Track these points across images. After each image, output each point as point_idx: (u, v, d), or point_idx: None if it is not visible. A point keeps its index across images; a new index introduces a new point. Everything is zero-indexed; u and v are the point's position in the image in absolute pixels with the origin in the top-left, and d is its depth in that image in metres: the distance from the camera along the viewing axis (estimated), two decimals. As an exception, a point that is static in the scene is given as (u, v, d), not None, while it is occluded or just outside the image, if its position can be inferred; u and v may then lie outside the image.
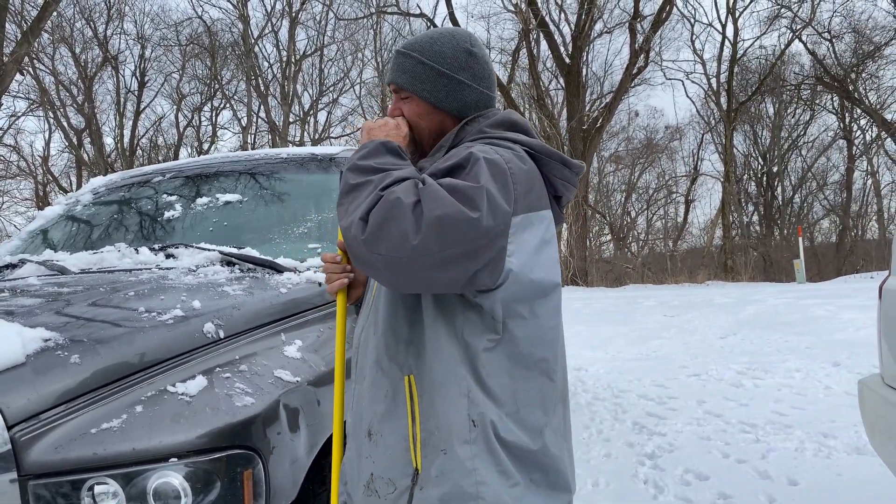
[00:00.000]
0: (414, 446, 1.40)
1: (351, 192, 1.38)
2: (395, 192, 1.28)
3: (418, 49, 1.61)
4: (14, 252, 3.21)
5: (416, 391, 1.41)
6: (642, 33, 23.02)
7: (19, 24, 18.80)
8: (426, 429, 1.39)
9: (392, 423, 1.43)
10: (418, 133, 1.63)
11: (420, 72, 1.59)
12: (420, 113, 1.62)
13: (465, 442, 1.35)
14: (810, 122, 32.17)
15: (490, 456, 1.35)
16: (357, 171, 1.41)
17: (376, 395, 1.48)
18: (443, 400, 1.38)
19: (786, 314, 9.83)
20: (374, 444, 1.46)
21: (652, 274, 25.31)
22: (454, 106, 1.61)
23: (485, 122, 1.58)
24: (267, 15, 30.43)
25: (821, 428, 4.47)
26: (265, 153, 3.58)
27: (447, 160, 1.40)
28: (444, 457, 1.35)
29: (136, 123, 30.92)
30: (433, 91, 1.60)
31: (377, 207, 1.28)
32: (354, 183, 1.38)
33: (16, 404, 1.48)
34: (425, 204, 1.25)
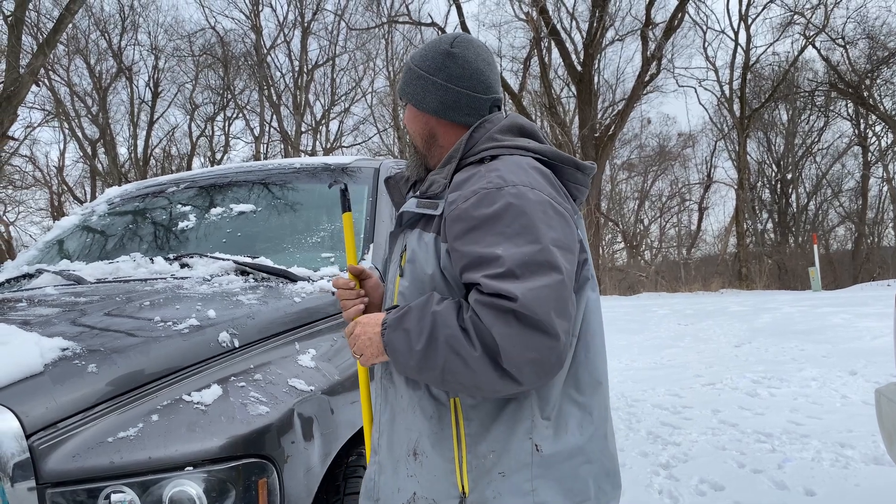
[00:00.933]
0: (460, 469, 1.40)
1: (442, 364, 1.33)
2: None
3: (414, 59, 1.65)
4: (31, 262, 3.24)
5: (462, 414, 1.41)
6: (654, 41, 22.99)
7: (35, 37, 19.05)
8: (476, 453, 1.40)
9: (439, 445, 1.43)
10: (412, 139, 1.66)
11: (409, 78, 1.63)
12: (409, 118, 1.65)
13: (526, 465, 1.39)
14: (824, 129, 31.97)
15: (553, 479, 1.40)
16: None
17: (421, 415, 1.46)
18: (503, 425, 1.40)
19: (801, 322, 9.75)
20: (420, 464, 1.45)
21: (665, 282, 25.19)
22: (431, 107, 1.59)
23: (493, 129, 1.56)
24: (279, 25, 30.68)
25: (838, 437, 4.43)
26: (278, 163, 3.61)
27: (476, 203, 1.37)
28: (502, 479, 1.38)
29: (149, 133, 31.20)
30: (414, 94, 1.62)
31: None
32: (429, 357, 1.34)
33: (34, 413, 1.50)
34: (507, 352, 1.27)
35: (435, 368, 1.32)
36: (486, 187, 1.38)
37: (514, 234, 1.33)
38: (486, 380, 1.29)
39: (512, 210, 1.34)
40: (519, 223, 1.33)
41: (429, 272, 1.45)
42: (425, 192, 1.51)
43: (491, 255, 1.31)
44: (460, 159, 1.52)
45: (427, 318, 1.34)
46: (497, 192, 1.36)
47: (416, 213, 1.51)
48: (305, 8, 30.14)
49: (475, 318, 1.30)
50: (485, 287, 1.30)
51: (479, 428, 1.40)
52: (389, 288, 1.60)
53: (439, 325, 1.32)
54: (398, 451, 1.51)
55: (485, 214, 1.35)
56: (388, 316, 1.43)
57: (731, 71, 28.89)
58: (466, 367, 1.29)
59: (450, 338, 1.30)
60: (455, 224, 1.38)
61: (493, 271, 1.30)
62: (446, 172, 1.51)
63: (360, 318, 1.51)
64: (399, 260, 1.54)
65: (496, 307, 1.27)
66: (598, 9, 22.94)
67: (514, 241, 1.32)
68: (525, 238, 1.32)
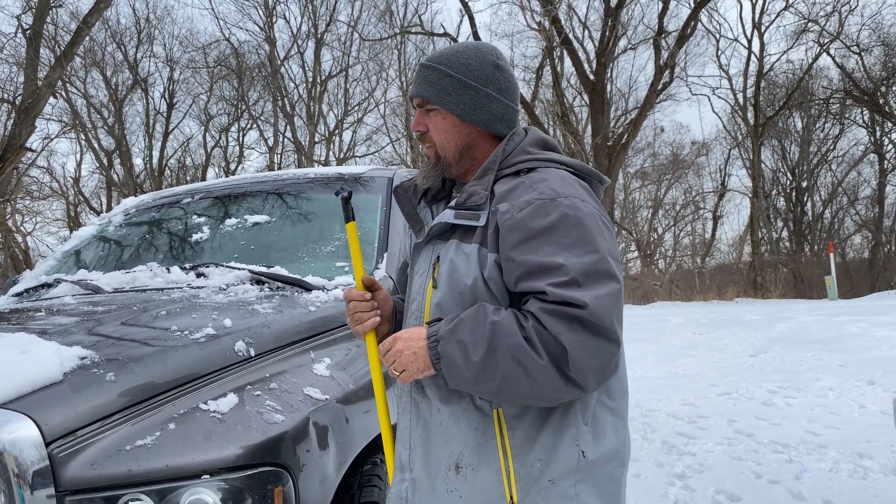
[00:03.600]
0: (508, 479, 1.41)
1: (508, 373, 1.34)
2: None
3: (444, 62, 1.59)
4: (49, 272, 3.28)
5: (506, 424, 1.42)
6: (667, 49, 22.95)
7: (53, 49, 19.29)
8: (523, 462, 1.41)
9: (485, 457, 1.43)
10: (443, 148, 1.59)
11: (447, 84, 1.56)
12: (446, 127, 1.58)
13: (573, 471, 1.41)
14: (840, 137, 31.74)
15: (594, 483, 1.43)
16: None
17: (466, 427, 1.45)
18: (549, 433, 1.42)
19: (818, 331, 9.66)
20: (464, 478, 1.44)
21: (680, 291, 25.06)
22: (481, 119, 1.58)
23: (524, 142, 1.57)
24: (293, 37, 30.88)
25: (856, 448, 4.38)
26: (293, 173, 3.63)
27: (532, 213, 1.39)
28: (551, 486, 1.41)
29: (164, 144, 31.45)
30: (459, 103, 1.57)
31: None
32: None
33: (53, 421, 1.51)
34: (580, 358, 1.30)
35: (493, 379, 1.33)
36: (539, 198, 1.41)
37: (573, 244, 1.36)
38: (549, 388, 1.31)
39: (568, 221, 1.38)
40: (576, 233, 1.37)
41: (468, 283, 1.44)
42: (463, 203, 1.48)
43: (553, 263, 1.34)
44: (497, 170, 1.53)
45: (485, 328, 1.34)
46: (551, 202, 1.40)
47: (448, 224, 1.50)
48: (319, 19, 30.36)
49: (539, 326, 1.31)
50: (551, 295, 1.31)
51: (524, 437, 1.42)
52: (416, 300, 1.56)
53: (500, 335, 1.32)
54: (435, 467, 1.48)
55: (541, 225, 1.38)
56: (435, 328, 1.41)
57: (745, 79, 28.82)
58: (528, 377, 1.31)
59: (513, 347, 1.31)
60: (511, 234, 1.40)
61: (557, 279, 1.32)
62: (486, 183, 1.50)
63: (399, 334, 1.46)
64: (430, 271, 1.52)
65: (564, 315, 1.30)
66: (611, 18, 22.94)
67: (573, 251, 1.35)
68: (584, 248, 1.36)
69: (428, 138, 1.60)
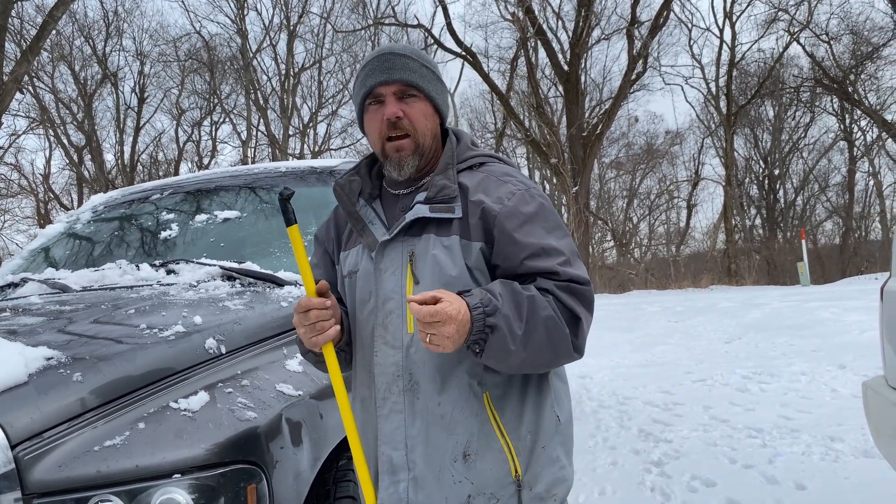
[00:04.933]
0: (511, 455, 1.48)
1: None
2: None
3: (415, 54, 1.62)
4: (16, 271, 3.22)
5: (495, 406, 1.50)
6: (640, 39, 23.06)
7: (18, 43, 18.92)
8: (518, 437, 1.50)
9: (487, 440, 1.48)
10: (423, 136, 1.59)
11: (426, 74, 1.60)
12: (427, 114, 1.60)
13: (552, 435, 1.55)
14: (811, 125, 32.20)
15: (564, 443, 1.58)
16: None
17: (469, 414, 1.48)
18: (531, 405, 1.52)
19: (790, 317, 9.80)
20: (471, 465, 1.47)
21: (655, 279, 25.27)
22: (445, 111, 1.67)
23: (467, 140, 1.68)
24: (265, 29, 30.56)
25: (827, 431, 4.45)
26: (264, 167, 3.59)
27: (519, 201, 1.52)
28: (543, 452, 1.52)
29: (136, 139, 31.03)
30: (437, 93, 1.63)
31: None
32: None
33: (19, 423, 1.48)
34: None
35: (527, 350, 1.40)
36: (518, 189, 1.54)
37: (554, 228, 1.53)
38: (563, 355, 1.46)
39: (545, 208, 1.55)
40: (553, 219, 1.55)
41: (454, 274, 1.47)
42: (435, 197, 1.51)
43: (551, 245, 1.49)
44: (456, 164, 1.61)
45: (523, 301, 1.40)
46: (527, 192, 1.55)
47: (418, 219, 1.51)
48: (291, 11, 30.07)
49: (557, 302, 1.44)
50: (562, 274, 1.46)
51: (512, 414, 1.50)
52: (393, 299, 1.51)
53: (538, 308, 1.40)
54: (440, 461, 1.47)
55: (530, 211, 1.51)
56: (480, 297, 1.37)
57: (717, 68, 29.08)
58: (552, 346, 1.43)
59: (547, 319, 1.41)
60: (509, 220, 1.49)
61: (561, 259, 1.48)
62: (451, 177, 1.55)
63: (446, 297, 1.34)
64: (405, 268, 1.51)
65: (575, 291, 1.46)
66: (584, 8, 22.98)
67: (555, 235, 1.52)
68: (562, 231, 1.54)
69: (404, 126, 1.56)
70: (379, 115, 1.57)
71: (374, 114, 1.59)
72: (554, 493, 1.53)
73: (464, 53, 24.15)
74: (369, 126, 1.62)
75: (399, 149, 1.56)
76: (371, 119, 1.60)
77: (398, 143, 1.56)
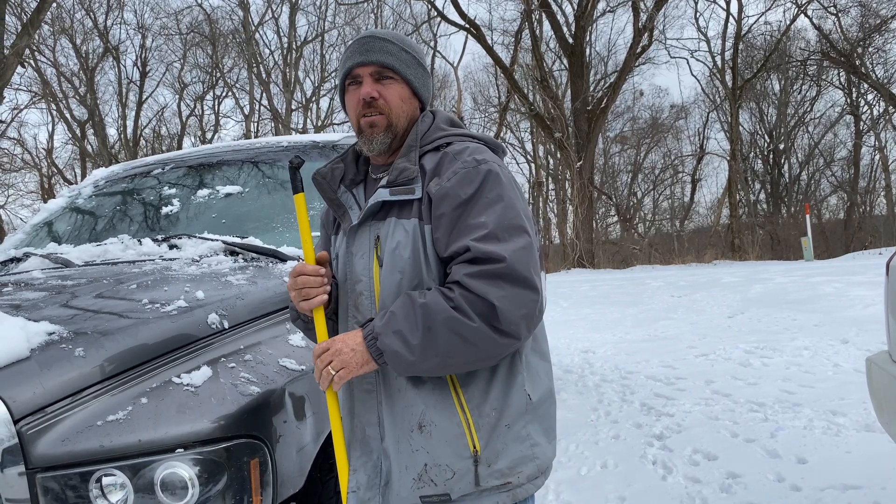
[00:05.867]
0: (469, 431, 1.49)
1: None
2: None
3: (395, 38, 1.66)
4: (18, 245, 3.21)
5: (459, 383, 1.51)
6: (646, 12, 22.81)
7: (19, 16, 18.74)
8: (480, 413, 1.50)
9: (444, 412, 1.50)
10: (397, 116, 1.62)
11: (405, 58, 1.64)
12: (403, 96, 1.64)
13: (522, 414, 1.54)
14: (817, 98, 31.89)
15: (538, 421, 1.57)
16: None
17: (423, 388, 1.51)
18: (499, 383, 1.52)
19: (794, 292, 9.80)
20: (428, 435, 1.50)
21: (659, 254, 25.25)
22: (425, 95, 1.69)
23: (437, 120, 1.67)
24: (267, 1, 30.27)
25: (829, 406, 4.46)
26: (266, 142, 3.57)
27: (459, 181, 1.49)
28: (507, 430, 1.52)
29: (138, 114, 30.94)
30: (416, 77, 1.66)
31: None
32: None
33: (21, 398, 1.49)
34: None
35: (437, 355, 1.41)
36: (463, 167, 1.51)
37: (493, 202, 1.48)
38: (488, 347, 1.41)
39: (490, 181, 1.50)
40: (496, 192, 1.49)
41: (406, 256, 1.51)
42: (395, 180, 1.54)
43: (476, 223, 1.45)
44: (419, 147, 1.61)
45: (416, 312, 1.41)
46: (474, 169, 1.51)
47: (381, 203, 1.55)
48: (293, -17, 29.75)
49: (465, 292, 1.40)
50: (473, 250, 1.42)
51: (477, 391, 1.51)
52: (363, 280, 1.58)
53: (432, 313, 1.40)
54: (399, 431, 1.53)
55: (469, 192, 1.48)
56: (370, 328, 1.46)
57: (723, 41, 28.74)
58: (466, 343, 1.40)
59: (447, 321, 1.39)
60: (442, 202, 1.49)
61: (478, 234, 1.43)
62: (413, 159, 1.57)
63: (335, 338, 1.49)
64: (373, 251, 1.57)
65: (487, 274, 1.40)
66: (589, -20, 22.71)
67: (493, 209, 1.47)
68: (501, 205, 1.48)
69: (379, 105, 1.61)
70: (356, 94, 1.63)
71: (352, 94, 1.64)
72: (518, 470, 1.53)
73: (467, 26, 23.92)
74: (348, 105, 1.67)
75: (372, 124, 1.60)
76: (350, 99, 1.65)
77: (371, 119, 1.61)
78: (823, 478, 3.36)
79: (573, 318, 9.67)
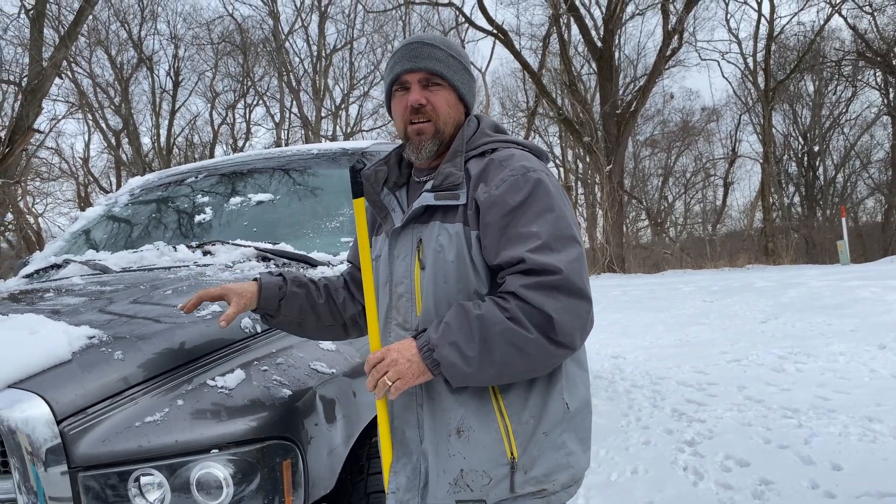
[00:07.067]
0: (507, 437, 1.50)
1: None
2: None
3: (443, 43, 1.66)
4: (59, 252, 3.30)
5: (499, 389, 1.52)
6: (675, 14, 22.62)
7: (57, 30, 19.21)
8: (519, 420, 1.52)
9: (484, 418, 1.51)
10: (444, 123, 1.63)
11: (453, 63, 1.65)
12: (450, 102, 1.65)
13: (559, 422, 1.55)
14: (852, 99, 31.25)
15: (574, 430, 1.58)
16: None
17: (464, 393, 1.52)
18: (539, 391, 1.53)
19: (829, 297, 9.62)
20: (466, 441, 1.51)
21: (691, 259, 24.95)
22: (470, 102, 1.70)
23: (483, 126, 1.68)
24: (296, 10, 30.59)
25: (866, 412, 4.38)
26: (297, 149, 3.63)
27: (508, 189, 1.49)
28: (545, 438, 1.53)
29: (171, 122, 31.44)
30: (462, 82, 1.67)
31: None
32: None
33: (64, 399, 1.54)
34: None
35: (492, 366, 1.42)
36: (512, 174, 1.52)
37: (544, 211, 1.49)
38: (543, 358, 1.44)
39: (539, 191, 1.50)
40: (546, 202, 1.50)
41: (450, 259, 1.53)
42: (441, 185, 1.55)
43: (528, 232, 1.46)
44: (466, 152, 1.62)
45: (472, 323, 1.43)
46: (522, 177, 1.51)
47: (425, 207, 1.57)
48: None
49: (521, 303, 1.41)
50: (528, 261, 1.42)
51: (517, 398, 1.52)
52: (404, 283, 1.60)
53: (488, 325, 1.41)
54: (437, 435, 1.54)
55: (517, 200, 1.49)
56: (425, 338, 1.47)
57: (755, 42, 28.36)
58: (522, 354, 1.42)
59: (503, 332, 1.41)
60: (491, 210, 1.50)
61: (532, 244, 1.44)
62: (458, 164, 1.58)
63: (390, 346, 1.50)
64: (414, 254, 1.58)
65: (543, 285, 1.41)
66: (618, -17, 22.59)
67: (545, 218, 1.48)
68: (552, 215, 1.49)
69: (427, 112, 1.62)
70: (404, 100, 1.63)
71: (399, 99, 1.65)
72: (553, 478, 1.53)
73: (495, 31, 23.93)
74: (395, 111, 1.68)
75: (420, 132, 1.62)
76: (397, 104, 1.66)
77: (419, 127, 1.62)
78: (859, 485, 3.31)
79: (603, 324, 9.61)
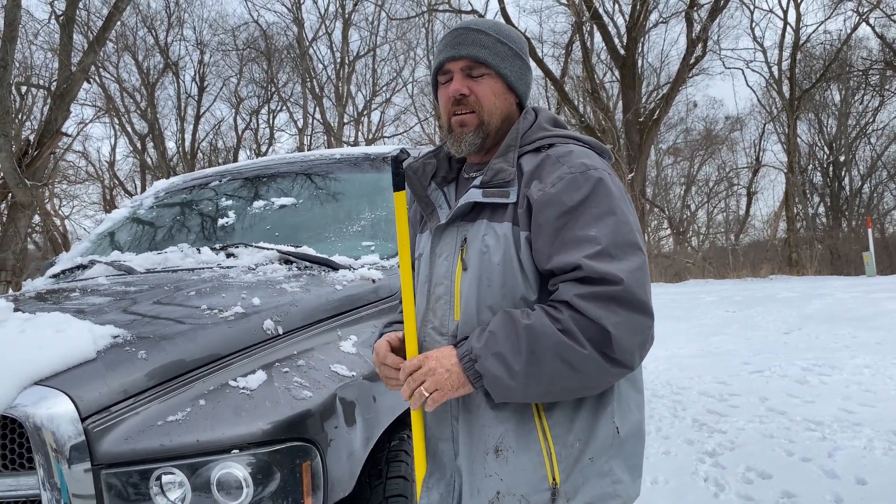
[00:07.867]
0: (550, 461, 1.38)
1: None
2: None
3: (492, 28, 1.54)
4: (84, 253, 3.35)
5: (543, 408, 1.40)
6: (699, 22, 22.48)
7: (86, 35, 19.55)
8: (563, 443, 1.39)
9: (525, 438, 1.40)
10: (489, 114, 1.51)
11: (500, 50, 1.52)
12: (497, 92, 1.52)
13: (607, 448, 1.42)
14: (880, 109, 30.83)
15: (622, 457, 1.44)
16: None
17: (505, 409, 1.41)
18: (587, 413, 1.41)
19: (854, 308, 9.49)
20: (504, 461, 1.40)
21: (713, 268, 24.74)
22: (522, 90, 1.57)
23: (540, 119, 1.55)
24: (321, 17, 30.85)
25: (891, 426, 4.31)
26: (320, 154, 3.65)
27: (565, 187, 1.37)
28: (591, 464, 1.40)
29: (196, 127, 31.79)
30: (512, 70, 1.53)
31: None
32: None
33: (88, 397, 1.56)
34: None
35: (541, 383, 1.30)
36: (570, 172, 1.39)
37: (604, 214, 1.35)
38: (596, 376, 1.31)
39: (599, 192, 1.37)
40: (606, 204, 1.36)
41: (495, 261, 1.41)
42: (490, 181, 1.44)
43: (586, 236, 1.33)
44: (518, 147, 1.50)
45: (520, 334, 1.31)
46: (582, 175, 1.38)
47: (472, 204, 1.46)
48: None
49: (576, 315, 1.29)
50: (585, 268, 1.29)
51: (563, 419, 1.40)
52: (443, 284, 1.49)
53: (538, 337, 1.29)
54: (473, 452, 1.45)
55: (575, 200, 1.36)
56: (466, 347, 1.36)
57: (780, 51, 28.12)
58: (574, 371, 1.29)
59: (554, 346, 1.28)
60: (545, 209, 1.38)
61: (591, 251, 1.31)
62: (510, 160, 1.46)
63: (428, 353, 1.40)
64: (458, 253, 1.47)
65: (601, 296, 1.28)
66: (641, -9, 22.51)
67: (605, 221, 1.35)
68: (613, 218, 1.35)
69: (470, 103, 1.50)
70: (446, 91, 1.52)
71: (443, 90, 1.54)
72: None
73: (518, 39, 23.90)
74: (440, 102, 1.57)
75: (462, 123, 1.50)
76: (441, 95, 1.55)
77: (462, 118, 1.50)
78: (884, 500, 3.25)
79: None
